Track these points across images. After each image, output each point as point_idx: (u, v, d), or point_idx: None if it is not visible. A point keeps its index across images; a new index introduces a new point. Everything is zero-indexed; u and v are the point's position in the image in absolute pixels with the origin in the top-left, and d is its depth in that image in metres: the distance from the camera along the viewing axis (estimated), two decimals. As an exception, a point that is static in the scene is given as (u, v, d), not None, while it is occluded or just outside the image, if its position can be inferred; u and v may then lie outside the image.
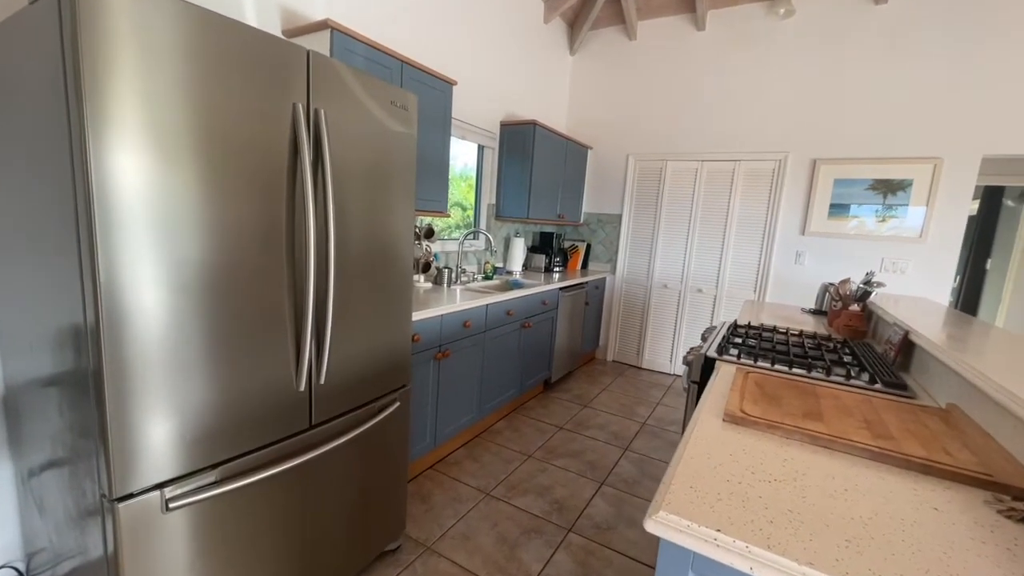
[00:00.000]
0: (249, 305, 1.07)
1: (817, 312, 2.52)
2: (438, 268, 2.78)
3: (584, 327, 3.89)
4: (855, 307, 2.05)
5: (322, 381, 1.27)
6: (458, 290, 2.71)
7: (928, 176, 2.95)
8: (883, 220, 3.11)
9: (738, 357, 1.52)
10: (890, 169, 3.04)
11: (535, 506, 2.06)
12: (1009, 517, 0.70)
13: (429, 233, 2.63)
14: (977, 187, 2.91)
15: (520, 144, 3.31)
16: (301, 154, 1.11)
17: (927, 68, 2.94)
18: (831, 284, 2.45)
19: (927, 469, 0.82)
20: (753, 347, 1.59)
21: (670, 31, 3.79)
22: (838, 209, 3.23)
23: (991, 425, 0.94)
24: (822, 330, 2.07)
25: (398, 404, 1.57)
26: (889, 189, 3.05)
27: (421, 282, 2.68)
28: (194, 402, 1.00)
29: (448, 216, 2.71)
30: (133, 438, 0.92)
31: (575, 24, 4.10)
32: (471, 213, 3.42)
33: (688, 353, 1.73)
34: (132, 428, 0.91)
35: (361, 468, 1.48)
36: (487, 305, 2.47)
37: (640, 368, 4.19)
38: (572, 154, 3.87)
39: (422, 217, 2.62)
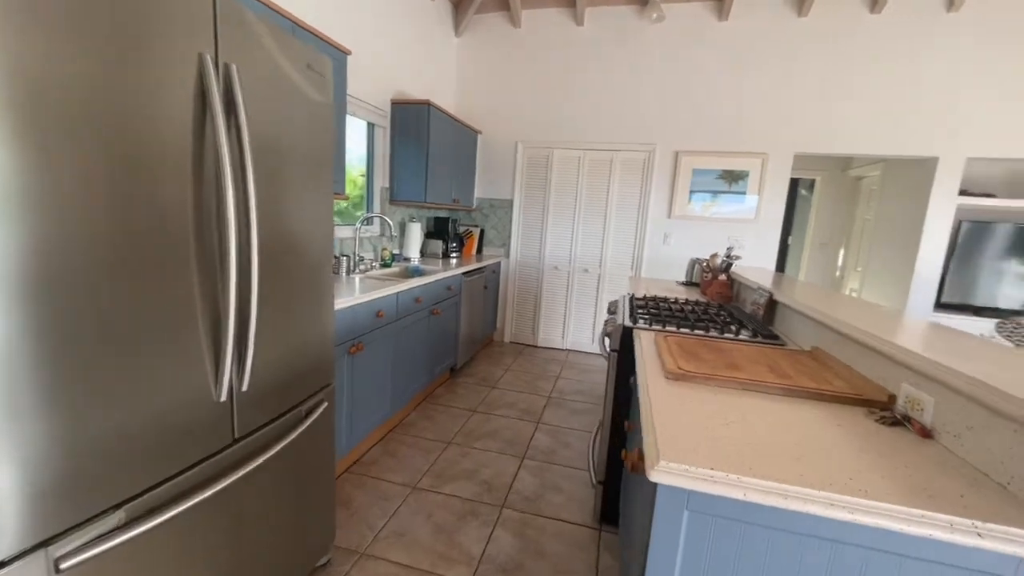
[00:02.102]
0: (149, 304, 0.87)
1: (689, 284, 2.93)
2: (335, 256, 2.55)
3: (484, 311, 3.94)
4: (723, 277, 2.45)
5: (244, 387, 1.09)
6: (357, 279, 2.53)
7: (759, 168, 3.61)
8: (728, 204, 3.72)
9: (650, 324, 1.70)
10: (733, 161, 3.65)
11: (465, 490, 2.06)
12: (881, 423, 0.93)
13: (325, 218, 2.39)
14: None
15: (414, 124, 3.18)
16: (214, 117, 0.92)
17: (758, 78, 3.58)
18: (700, 259, 2.88)
19: (821, 396, 1.04)
20: (658, 315, 1.80)
21: (552, 22, 3.96)
22: (696, 195, 3.77)
23: (849, 359, 1.23)
24: (699, 298, 2.42)
25: (326, 404, 1.43)
26: (733, 178, 3.66)
27: (318, 272, 2.43)
28: (84, 428, 0.79)
29: (346, 199, 2.49)
30: None
31: (460, 6, 4.03)
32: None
33: (606, 324, 1.89)
34: (-1, 474, 0.68)
35: (289, 480, 1.32)
36: (398, 293, 2.35)
37: (536, 347, 4.41)
38: (463, 137, 3.84)
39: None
